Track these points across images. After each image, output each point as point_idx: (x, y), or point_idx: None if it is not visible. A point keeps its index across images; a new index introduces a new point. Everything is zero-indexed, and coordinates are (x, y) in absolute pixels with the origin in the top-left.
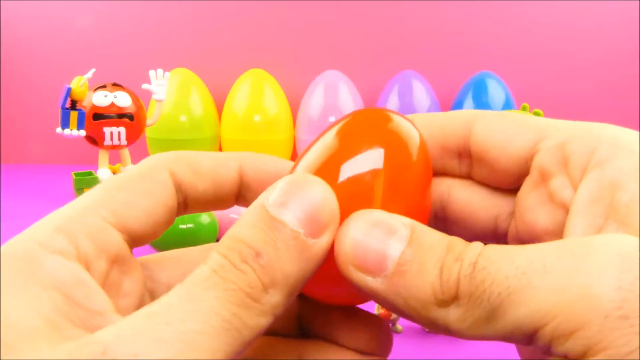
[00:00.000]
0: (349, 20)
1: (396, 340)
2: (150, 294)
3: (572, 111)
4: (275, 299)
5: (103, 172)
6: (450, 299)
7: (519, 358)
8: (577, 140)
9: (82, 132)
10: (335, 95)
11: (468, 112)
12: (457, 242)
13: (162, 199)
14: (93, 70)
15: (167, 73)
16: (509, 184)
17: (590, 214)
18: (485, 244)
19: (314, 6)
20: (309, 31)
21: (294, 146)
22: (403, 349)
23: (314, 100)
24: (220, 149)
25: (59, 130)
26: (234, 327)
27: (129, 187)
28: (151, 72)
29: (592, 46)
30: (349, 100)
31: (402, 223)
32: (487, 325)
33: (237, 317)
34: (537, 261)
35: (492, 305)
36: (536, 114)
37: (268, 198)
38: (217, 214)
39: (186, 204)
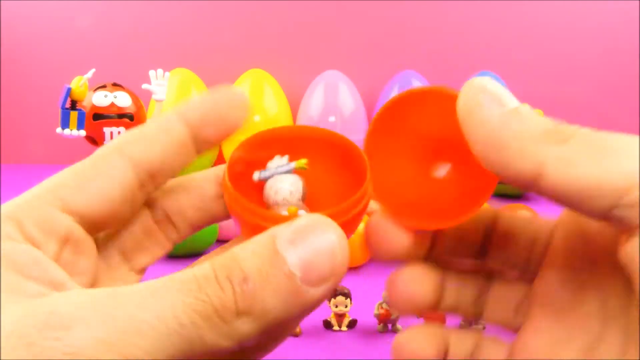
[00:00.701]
0: (349, 20)
1: None
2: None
3: (572, 111)
4: (245, 327)
5: None
6: (561, 140)
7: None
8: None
9: (82, 132)
10: (335, 95)
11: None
12: (561, 125)
13: (117, 182)
14: (93, 70)
15: (167, 73)
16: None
17: None
18: None
19: (314, 6)
20: (309, 31)
21: None
22: None
23: (314, 100)
24: (220, 149)
25: (59, 130)
26: (187, 336)
27: (80, 171)
28: (151, 72)
29: (592, 46)
30: (348, 100)
31: (514, 103)
32: (586, 168)
33: (195, 327)
34: (623, 148)
35: (599, 151)
36: None
37: (281, 231)
38: None
39: (150, 177)
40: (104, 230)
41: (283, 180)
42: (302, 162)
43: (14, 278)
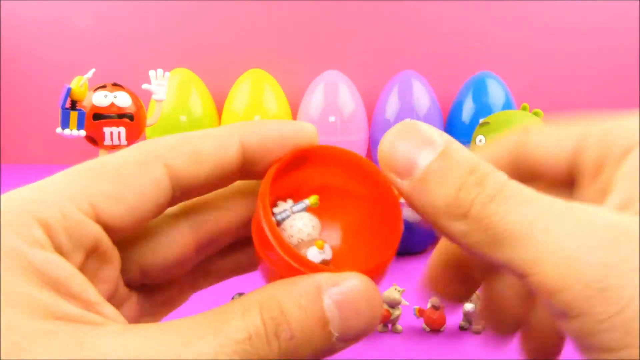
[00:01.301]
0: (349, 20)
1: (396, 340)
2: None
3: (572, 111)
4: None
5: None
6: (461, 216)
7: (519, 359)
8: (618, 131)
9: (82, 132)
10: (335, 95)
11: (512, 143)
12: (484, 166)
13: (151, 196)
14: (93, 70)
15: (167, 73)
16: (561, 182)
17: (622, 189)
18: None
19: (314, 6)
20: (309, 31)
21: None
22: (403, 349)
23: (314, 100)
24: None
25: (59, 130)
26: None
27: (117, 178)
28: (151, 72)
29: (592, 46)
30: (349, 100)
31: (439, 136)
32: (486, 249)
33: None
34: (545, 217)
35: (495, 237)
36: (536, 114)
37: (329, 288)
38: None
39: (184, 193)
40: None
41: (302, 217)
42: (314, 199)
43: (52, 299)
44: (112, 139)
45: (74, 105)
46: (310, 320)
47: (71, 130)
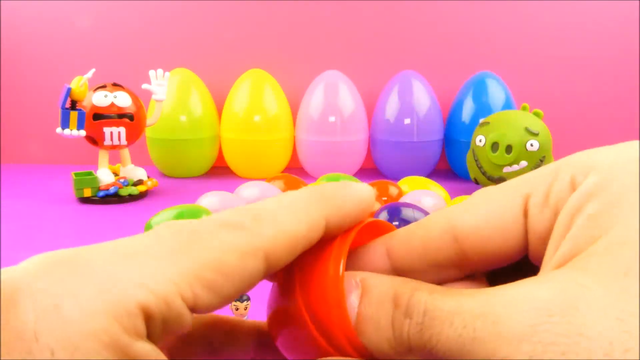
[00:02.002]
0: (349, 20)
1: None
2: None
3: (572, 111)
4: None
5: (103, 172)
6: (406, 351)
7: None
8: (560, 183)
9: (82, 132)
10: (335, 95)
11: (442, 224)
12: (403, 291)
13: (246, 287)
14: (93, 70)
15: (167, 73)
16: (517, 259)
17: (553, 245)
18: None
19: (314, 6)
20: (309, 31)
21: (294, 146)
22: None
23: (314, 100)
24: (220, 149)
25: (59, 130)
26: None
27: (219, 266)
28: (151, 72)
29: (592, 46)
30: (349, 100)
31: (354, 281)
32: None
33: None
34: (469, 325)
35: (441, 355)
36: (536, 114)
37: None
38: None
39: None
40: None
41: None
42: None
43: None
44: (112, 139)
45: (74, 105)
46: None
47: (71, 130)
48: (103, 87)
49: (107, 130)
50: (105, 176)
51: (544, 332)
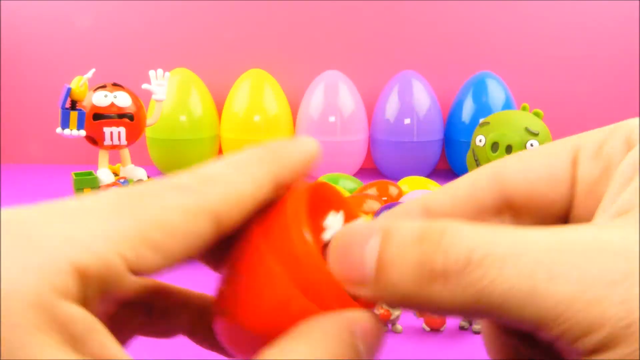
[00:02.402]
0: (349, 20)
1: (396, 340)
2: None
3: (572, 111)
4: None
5: (103, 172)
6: (440, 280)
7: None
8: (616, 138)
9: (82, 132)
10: (335, 95)
11: (490, 169)
12: (434, 226)
13: (194, 249)
14: (93, 70)
15: (167, 73)
16: (562, 213)
17: (612, 195)
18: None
19: (314, 6)
20: (309, 31)
21: None
22: (403, 349)
23: (314, 100)
24: (220, 149)
25: (59, 130)
26: None
27: (163, 225)
28: (151, 72)
29: (592, 46)
30: (349, 100)
31: (374, 223)
32: (484, 314)
33: None
34: (543, 264)
35: (491, 301)
36: (536, 114)
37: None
38: None
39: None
40: None
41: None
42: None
43: (65, 355)
44: (112, 139)
45: (74, 105)
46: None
47: (71, 130)
48: (103, 87)
49: (107, 130)
50: (105, 176)
51: (633, 276)
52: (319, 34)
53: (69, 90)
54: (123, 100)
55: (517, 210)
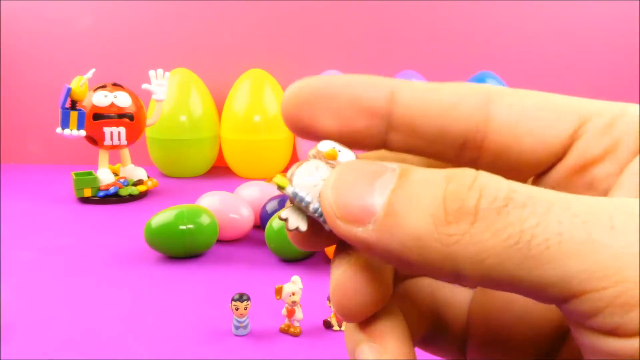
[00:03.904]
0: (349, 20)
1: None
2: None
3: None
4: None
5: (103, 172)
6: (465, 218)
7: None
8: (627, 121)
9: (82, 132)
10: None
11: (479, 89)
12: (461, 172)
13: None
14: (93, 70)
15: (167, 73)
16: (531, 174)
17: (632, 189)
18: None
19: (314, 6)
20: (309, 31)
21: (294, 146)
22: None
23: None
24: (220, 149)
25: (59, 130)
26: None
27: None
28: (151, 72)
29: (592, 46)
30: None
31: (389, 165)
32: (515, 269)
33: None
34: (602, 213)
35: (531, 249)
36: None
37: None
38: (217, 214)
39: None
40: None
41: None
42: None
43: None
44: (112, 139)
45: (74, 105)
46: None
47: (71, 130)
48: (103, 87)
49: (107, 130)
50: (105, 176)
51: None
52: (319, 34)
53: (69, 90)
54: (123, 100)
55: (485, 150)
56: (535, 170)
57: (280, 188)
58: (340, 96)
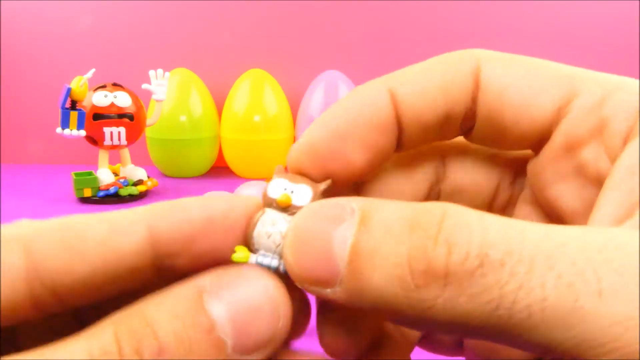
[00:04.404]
0: (348, 20)
1: None
2: None
3: None
4: None
5: (103, 172)
6: (439, 280)
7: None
8: (618, 99)
9: (82, 132)
10: (335, 95)
11: (468, 56)
12: (427, 212)
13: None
14: (93, 70)
15: (167, 73)
16: (519, 149)
17: (626, 189)
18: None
19: (314, 6)
20: (309, 31)
21: None
22: None
23: (314, 100)
24: (220, 149)
25: (59, 130)
26: None
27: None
28: (151, 72)
29: (591, 46)
30: None
31: (349, 202)
32: (498, 332)
33: None
34: (588, 272)
35: (512, 317)
36: None
37: (218, 289)
38: None
39: (57, 294)
40: None
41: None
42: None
43: None
44: (112, 139)
45: (74, 105)
46: (189, 328)
47: (71, 130)
48: (103, 87)
49: (107, 130)
50: (105, 176)
51: None
52: (319, 34)
53: (69, 90)
54: (123, 100)
55: (478, 119)
56: (523, 145)
57: (243, 263)
58: (353, 134)
